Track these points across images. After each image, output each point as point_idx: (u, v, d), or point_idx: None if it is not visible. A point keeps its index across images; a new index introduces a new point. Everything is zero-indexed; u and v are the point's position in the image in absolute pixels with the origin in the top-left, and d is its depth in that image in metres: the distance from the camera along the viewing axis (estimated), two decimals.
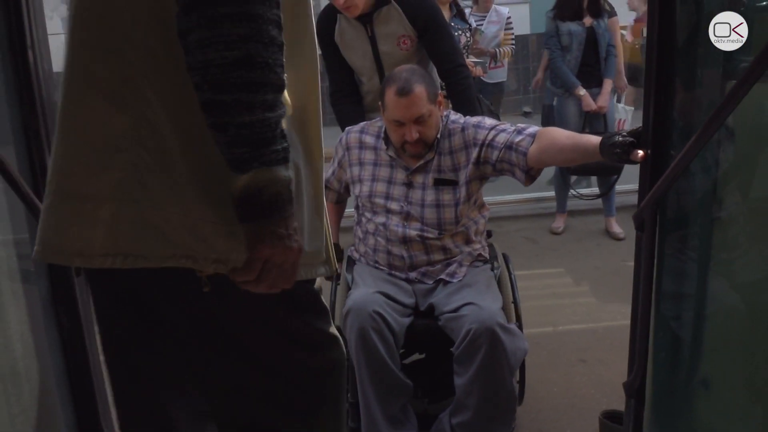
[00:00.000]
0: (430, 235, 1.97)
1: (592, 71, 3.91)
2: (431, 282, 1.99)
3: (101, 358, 1.42)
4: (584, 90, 3.88)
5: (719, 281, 1.46)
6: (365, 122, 2.22)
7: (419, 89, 1.90)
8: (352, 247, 2.16)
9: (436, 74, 2.57)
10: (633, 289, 1.63)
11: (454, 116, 2.08)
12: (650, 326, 1.60)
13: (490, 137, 1.96)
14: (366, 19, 2.42)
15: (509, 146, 1.91)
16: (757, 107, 1.25)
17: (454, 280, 1.96)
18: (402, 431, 1.83)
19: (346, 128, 2.23)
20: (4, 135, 1.29)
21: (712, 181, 1.44)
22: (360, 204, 2.09)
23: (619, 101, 4.62)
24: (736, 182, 1.39)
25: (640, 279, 1.56)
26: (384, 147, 2.07)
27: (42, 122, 1.37)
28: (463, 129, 2.01)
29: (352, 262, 2.13)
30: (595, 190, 4.25)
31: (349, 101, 2.62)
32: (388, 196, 2.02)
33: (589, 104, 3.88)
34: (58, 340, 1.45)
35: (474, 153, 1.98)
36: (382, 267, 2.01)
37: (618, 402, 1.83)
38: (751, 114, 1.27)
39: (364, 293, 1.82)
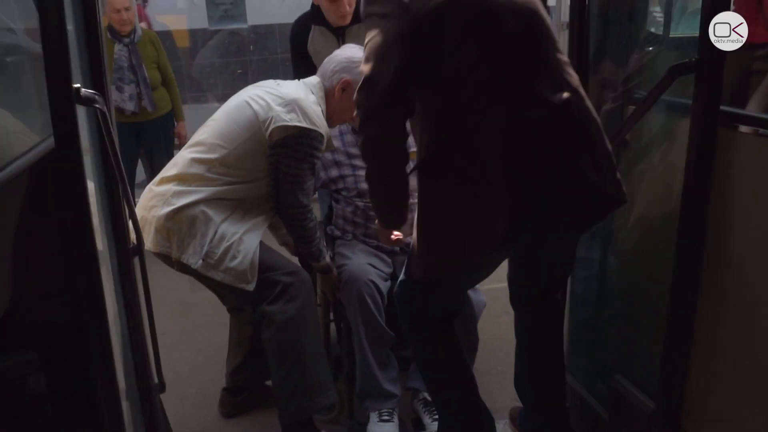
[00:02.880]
0: None
1: None
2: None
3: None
4: None
5: (612, 249, 2.05)
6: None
7: None
8: (332, 226, 2.52)
9: None
10: None
11: None
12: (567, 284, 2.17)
13: None
14: (339, 32, 2.70)
15: None
16: (645, 126, 1.80)
17: None
18: (387, 372, 2.26)
19: None
20: None
21: None
22: (345, 194, 2.43)
23: None
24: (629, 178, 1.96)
25: None
26: (354, 140, 2.42)
27: None
28: None
29: (330, 239, 2.50)
30: None
31: None
32: None
33: None
34: (123, 308, 1.81)
35: None
36: (369, 241, 2.41)
37: None
38: (640, 130, 1.82)
39: (359, 264, 2.24)
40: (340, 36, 2.72)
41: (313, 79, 2.27)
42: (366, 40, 1.64)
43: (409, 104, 1.63)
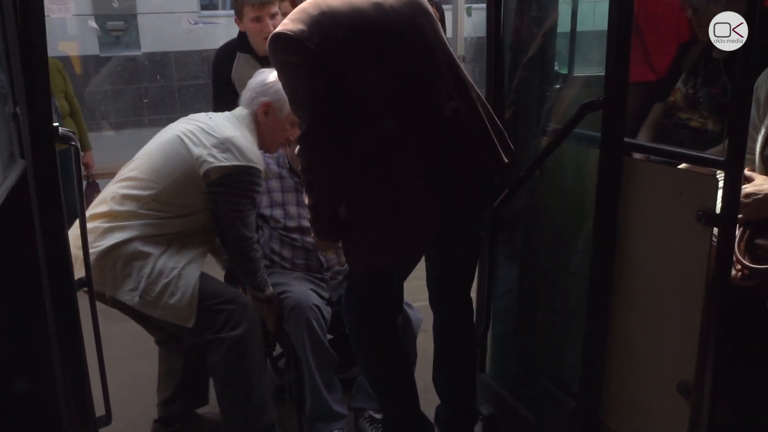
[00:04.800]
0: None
1: None
2: (341, 277, 2.52)
3: None
4: None
5: (527, 264, 2.27)
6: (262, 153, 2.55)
7: None
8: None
9: None
10: (479, 271, 2.36)
11: None
12: (491, 298, 2.37)
13: None
14: (264, 60, 2.67)
15: None
16: (555, 157, 2.03)
17: None
18: (334, 392, 2.33)
19: None
20: None
21: (527, 203, 2.23)
22: (272, 225, 2.50)
23: None
24: (538, 205, 2.19)
25: (485, 264, 2.31)
26: (288, 175, 2.51)
27: None
28: None
29: None
30: None
31: None
32: (299, 215, 2.49)
33: None
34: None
35: None
36: (299, 270, 2.49)
37: None
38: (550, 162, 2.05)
39: (301, 291, 2.30)
40: (266, 65, 2.65)
41: (243, 111, 2.29)
42: (286, 90, 1.85)
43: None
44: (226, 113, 2.33)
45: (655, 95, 2.34)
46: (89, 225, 2.08)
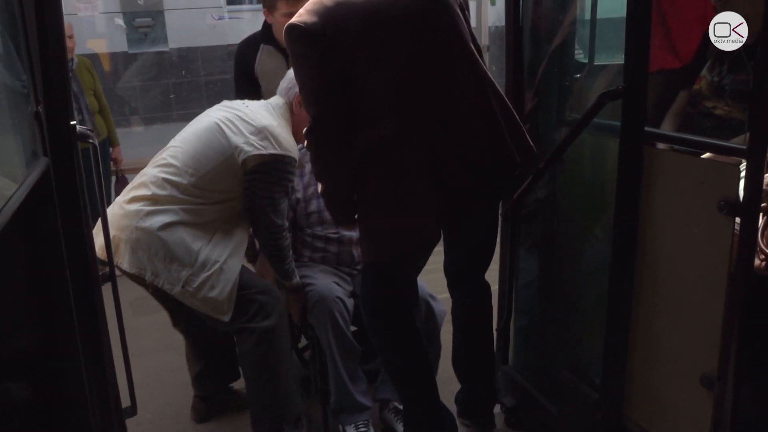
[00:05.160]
0: None
1: None
2: None
3: None
4: None
5: (548, 256, 2.26)
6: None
7: None
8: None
9: None
10: (500, 263, 2.36)
11: None
12: (513, 290, 2.35)
13: None
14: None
15: None
16: (576, 148, 2.00)
17: None
18: (358, 384, 2.35)
19: None
20: None
21: (547, 194, 2.21)
22: (305, 219, 2.48)
23: None
24: (559, 197, 2.17)
25: (507, 256, 2.30)
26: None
27: None
28: None
29: None
30: None
31: None
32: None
33: None
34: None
35: None
36: (330, 264, 2.49)
37: None
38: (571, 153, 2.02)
39: (325, 284, 2.31)
40: (289, 57, 2.67)
41: (279, 100, 2.31)
42: (298, 81, 1.85)
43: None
44: (262, 101, 2.35)
45: (680, 83, 2.29)
46: (131, 207, 2.16)
